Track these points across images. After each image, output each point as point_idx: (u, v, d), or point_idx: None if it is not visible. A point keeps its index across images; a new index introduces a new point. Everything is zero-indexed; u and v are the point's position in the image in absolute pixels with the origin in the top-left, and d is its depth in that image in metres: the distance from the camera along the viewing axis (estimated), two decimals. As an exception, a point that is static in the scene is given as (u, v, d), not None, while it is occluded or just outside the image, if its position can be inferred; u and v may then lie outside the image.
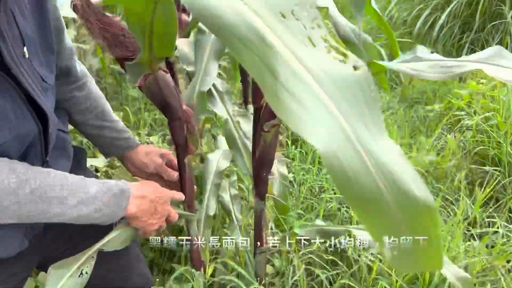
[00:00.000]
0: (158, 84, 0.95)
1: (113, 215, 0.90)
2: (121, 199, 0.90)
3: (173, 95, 0.99)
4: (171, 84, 0.98)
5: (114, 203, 0.88)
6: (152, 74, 0.93)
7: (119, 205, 0.89)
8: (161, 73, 0.95)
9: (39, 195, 0.78)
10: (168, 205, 1.01)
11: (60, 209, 0.81)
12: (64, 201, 0.81)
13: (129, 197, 0.91)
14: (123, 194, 0.90)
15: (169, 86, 0.97)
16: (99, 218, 0.87)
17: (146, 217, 0.95)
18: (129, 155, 1.17)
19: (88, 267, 0.87)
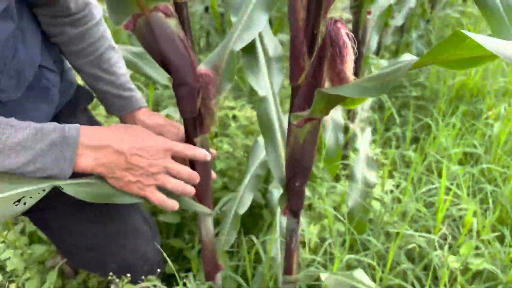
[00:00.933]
0: (152, 32, 0.68)
1: (59, 170, 0.70)
2: (63, 149, 0.69)
3: (175, 50, 0.70)
4: (173, 33, 0.69)
5: (53, 153, 0.68)
6: (142, 15, 0.66)
7: (63, 156, 0.69)
8: (157, 16, 0.67)
9: None
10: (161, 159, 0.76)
11: None
12: None
13: (75, 145, 0.70)
14: (66, 141, 0.69)
15: (168, 35, 0.69)
16: (37, 171, 0.69)
17: (121, 173, 0.74)
18: (126, 118, 0.96)
19: (31, 198, 0.66)
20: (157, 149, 0.75)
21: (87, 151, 0.72)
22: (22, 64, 0.77)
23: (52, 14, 0.83)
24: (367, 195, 1.22)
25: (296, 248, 0.87)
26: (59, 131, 0.69)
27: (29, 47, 0.80)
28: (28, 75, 0.79)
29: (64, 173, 0.72)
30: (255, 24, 0.79)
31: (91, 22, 0.88)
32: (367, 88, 0.51)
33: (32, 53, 0.81)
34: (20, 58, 0.77)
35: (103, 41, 0.91)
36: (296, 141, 0.68)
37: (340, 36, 0.53)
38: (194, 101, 0.78)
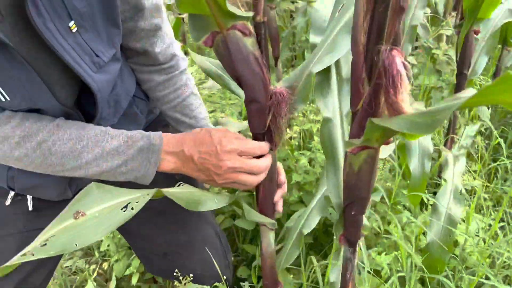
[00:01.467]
0: (227, 49, 0.71)
1: (145, 171, 0.80)
2: (149, 153, 0.79)
3: (249, 68, 0.72)
4: (248, 51, 0.71)
5: (141, 158, 0.79)
6: (220, 33, 0.69)
7: (148, 160, 0.79)
8: (234, 34, 0.69)
9: (48, 149, 0.76)
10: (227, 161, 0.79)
11: (75, 163, 0.77)
12: (78, 155, 0.77)
13: (159, 151, 0.79)
14: (151, 148, 0.79)
15: (243, 54, 0.71)
16: (127, 173, 0.80)
17: (196, 174, 0.82)
18: None
19: (137, 203, 0.69)
20: (221, 152, 0.78)
21: (168, 156, 0.81)
22: (119, 96, 0.91)
23: (143, 63, 0.96)
24: (450, 231, 1.11)
25: (351, 278, 0.83)
26: (146, 139, 0.80)
27: (124, 81, 0.93)
28: (124, 104, 0.92)
29: (149, 175, 0.81)
30: (338, 48, 0.78)
31: (176, 71, 0.99)
32: (417, 124, 0.47)
33: (127, 85, 0.95)
34: (118, 90, 0.90)
35: (186, 88, 1.00)
36: (351, 169, 0.65)
37: (394, 65, 0.49)
38: (264, 118, 0.80)
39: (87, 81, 0.75)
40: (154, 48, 0.93)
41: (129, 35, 0.89)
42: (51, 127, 0.76)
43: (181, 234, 1.07)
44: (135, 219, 1.04)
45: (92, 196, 0.66)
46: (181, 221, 1.07)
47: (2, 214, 0.95)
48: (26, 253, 0.55)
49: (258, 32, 0.73)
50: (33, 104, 0.74)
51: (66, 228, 0.61)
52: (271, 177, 0.89)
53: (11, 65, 0.68)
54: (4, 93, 0.70)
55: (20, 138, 0.74)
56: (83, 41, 0.74)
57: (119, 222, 0.64)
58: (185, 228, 1.08)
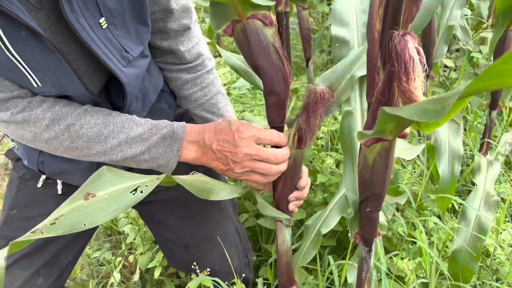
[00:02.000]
0: (247, 38, 0.70)
1: (167, 159, 0.82)
2: (172, 141, 0.82)
3: (268, 59, 0.72)
4: (268, 42, 0.71)
5: (164, 145, 0.82)
6: (240, 21, 0.69)
7: (171, 148, 0.82)
8: (254, 23, 0.69)
9: (75, 132, 0.79)
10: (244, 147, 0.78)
11: (100, 148, 0.80)
12: (104, 140, 0.80)
13: (181, 140, 0.82)
14: (174, 136, 0.82)
15: (263, 44, 0.70)
16: (150, 160, 0.82)
17: (215, 163, 0.83)
18: None
19: (147, 186, 0.69)
20: (238, 138, 0.78)
21: (189, 145, 0.83)
22: (146, 89, 0.94)
23: (170, 62, 0.98)
24: (479, 238, 1.05)
25: (368, 279, 0.80)
26: (169, 127, 0.82)
27: (152, 75, 0.96)
28: (152, 98, 0.95)
29: (171, 164, 0.83)
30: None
31: (203, 70, 1.00)
32: (428, 111, 0.45)
33: (155, 80, 0.98)
34: (146, 84, 0.93)
35: (213, 87, 1.01)
36: (366, 163, 0.63)
37: (407, 51, 0.47)
38: (282, 111, 0.79)
39: (117, 74, 0.78)
40: (180, 47, 0.95)
41: (158, 34, 0.92)
42: (79, 111, 0.79)
43: (202, 227, 1.08)
44: (160, 208, 1.08)
45: (104, 179, 0.67)
46: (203, 214, 1.08)
47: (34, 196, 1.00)
48: (36, 230, 0.56)
49: (279, 23, 0.72)
50: (63, 91, 0.78)
51: (75, 208, 0.62)
52: (294, 173, 0.87)
53: (43, 53, 0.71)
54: (36, 79, 0.73)
55: (50, 121, 0.78)
56: (113, 37, 0.77)
57: (128, 205, 0.64)
58: (207, 222, 1.09)
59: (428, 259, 1.02)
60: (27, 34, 0.67)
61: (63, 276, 1.07)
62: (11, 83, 0.74)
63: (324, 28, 2.32)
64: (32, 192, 0.99)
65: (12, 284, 0.97)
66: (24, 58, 0.70)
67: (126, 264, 1.70)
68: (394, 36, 0.48)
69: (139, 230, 1.58)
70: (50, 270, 1.02)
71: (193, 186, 0.77)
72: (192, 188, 0.76)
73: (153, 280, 1.57)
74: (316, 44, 2.13)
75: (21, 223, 0.99)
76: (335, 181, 1.37)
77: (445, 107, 0.42)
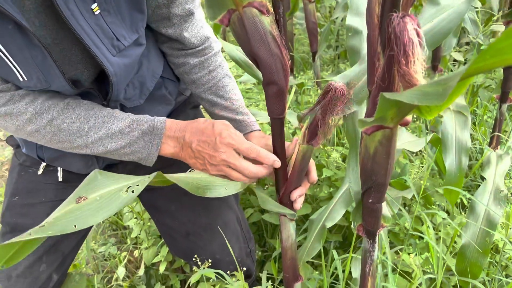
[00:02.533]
0: (244, 27, 0.69)
1: (147, 153, 0.84)
2: (152, 137, 0.83)
3: (266, 47, 0.70)
4: (266, 30, 0.69)
5: (144, 140, 0.83)
6: (236, 10, 0.68)
7: (151, 143, 0.83)
8: (250, 12, 0.68)
9: (57, 126, 0.80)
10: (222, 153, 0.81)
11: (82, 141, 0.81)
12: (85, 134, 0.81)
13: (161, 135, 0.83)
14: (154, 131, 0.83)
15: (260, 32, 0.69)
16: (131, 154, 0.84)
17: (192, 161, 0.85)
18: None
19: (138, 186, 0.69)
20: (219, 143, 0.80)
21: (169, 140, 0.83)
22: (144, 77, 0.93)
23: (176, 48, 0.96)
24: (488, 233, 1.02)
25: (371, 273, 0.78)
26: (150, 122, 0.83)
27: (151, 62, 0.95)
28: (150, 86, 0.94)
29: (151, 157, 0.84)
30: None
31: (210, 53, 0.99)
32: (429, 94, 0.43)
33: (154, 67, 0.96)
34: (144, 72, 0.92)
35: (220, 70, 1.00)
36: (367, 151, 0.61)
37: (406, 33, 0.45)
38: (282, 102, 0.77)
39: (103, 64, 0.77)
40: (186, 32, 0.93)
41: (162, 21, 0.90)
42: (61, 105, 0.79)
43: (203, 216, 1.08)
44: (162, 196, 1.07)
45: (96, 182, 0.68)
46: (203, 203, 1.08)
47: (35, 183, 1.01)
48: (25, 234, 0.56)
49: (276, 11, 0.70)
50: (48, 86, 0.77)
51: (67, 211, 0.62)
52: (301, 169, 0.85)
53: (29, 48, 0.70)
54: (22, 73, 0.73)
55: (32, 115, 0.78)
56: (105, 24, 0.75)
57: (120, 205, 0.64)
58: (207, 211, 1.09)
59: (435, 255, 0.99)
60: (13, 28, 0.67)
61: (65, 263, 1.08)
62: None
63: (331, 21, 2.29)
64: (32, 179, 1.00)
65: (15, 270, 0.98)
66: (10, 51, 0.69)
67: (131, 259, 1.71)
68: (393, 18, 0.46)
69: (144, 225, 1.58)
70: (52, 256, 1.03)
71: (189, 184, 0.77)
72: (187, 186, 0.76)
73: (158, 275, 1.56)
74: (323, 38, 2.10)
75: (22, 209, 1.00)
76: (341, 175, 1.35)
77: (446, 89, 0.40)
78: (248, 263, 1.16)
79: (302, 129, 0.81)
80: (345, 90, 0.72)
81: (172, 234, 1.14)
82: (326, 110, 0.74)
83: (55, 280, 1.06)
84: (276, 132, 0.81)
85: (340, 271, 0.96)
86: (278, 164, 0.80)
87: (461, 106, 1.24)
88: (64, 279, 1.15)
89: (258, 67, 0.74)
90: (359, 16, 0.92)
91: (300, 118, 0.82)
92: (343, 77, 0.81)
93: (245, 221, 1.21)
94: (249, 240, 1.18)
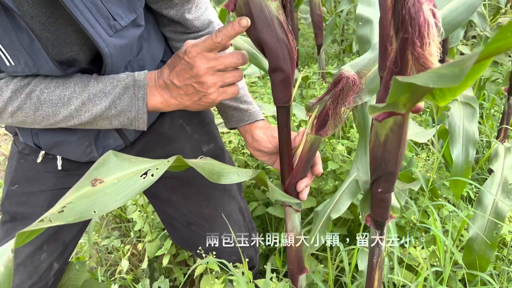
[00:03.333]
0: (250, 12, 0.68)
1: (136, 109, 0.79)
2: (135, 89, 0.78)
3: (272, 33, 0.69)
4: (272, 15, 0.68)
5: (128, 96, 0.78)
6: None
7: (136, 97, 0.78)
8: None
9: (37, 98, 0.77)
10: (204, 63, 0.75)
11: (66, 111, 0.78)
12: (68, 102, 0.77)
13: (144, 87, 0.78)
14: (137, 84, 0.79)
15: (266, 17, 0.68)
16: (120, 115, 0.79)
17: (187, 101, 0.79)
18: (244, 129, 0.98)
19: (157, 169, 0.65)
20: (190, 59, 0.74)
21: (153, 90, 0.79)
22: (144, 61, 0.90)
23: (179, 31, 0.93)
24: (496, 226, 1.01)
25: (378, 265, 0.77)
26: (130, 77, 0.79)
27: (151, 45, 0.92)
28: (149, 69, 0.89)
29: (141, 114, 0.80)
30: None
31: None
32: (444, 76, 0.41)
33: (154, 51, 0.93)
34: (144, 54, 0.89)
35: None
36: (377, 139, 0.60)
37: (421, 14, 0.44)
38: (289, 89, 0.76)
39: (98, 44, 0.73)
40: (188, 14, 0.90)
41: (163, 1, 0.87)
42: (39, 78, 0.77)
43: (204, 206, 1.07)
44: (164, 186, 1.06)
45: (110, 164, 0.64)
46: (206, 193, 1.06)
47: (35, 171, 0.99)
48: (44, 219, 0.53)
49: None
50: (36, 71, 0.75)
51: (83, 195, 0.59)
52: (308, 159, 0.84)
53: (15, 31, 0.68)
54: (9, 57, 0.71)
55: (12, 92, 0.76)
56: (100, 2, 0.72)
57: (139, 189, 0.61)
58: (209, 201, 1.07)
59: (442, 247, 0.98)
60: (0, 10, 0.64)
61: (66, 252, 1.08)
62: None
63: (336, 14, 2.27)
64: (32, 167, 0.98)
65: (16, 258, 0.97)
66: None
67: (134, 252, 1.70)
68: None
69: (147, 218, 1.58)
70: (53, 245, 1.02)
71: (205, 169, 0.75)
72: (204, 171, 0.74)
73: (161, 268, 1.56)
74: (328, 31, 2.08)
75: (22, 198, 0.98)
76: (346, 168, 1.34)
77: (463, 69, 0.39)
78: (251, 254, 1.15)
79: (310, 119, 0.80)
80: (357, 79, 0.70)
81: (174, 224, 1.13)
82: (337, 100, 0.73)
83: (55, 269, 1.05)
84: (282, 121, 0.80)
85: (346, 263, 0.94)
86: (245, 23, 0.71)
87: (469, 98, 1.23)
88: (65, 267, 1.15)
89: (264, 53, 0.73)
90: (369, 5, 0.90)
91: (309, 108, 0.81)
92: (353, 66, 0.79)
93: (248, 211, 1.20)
94: (251, 230, 1.17)
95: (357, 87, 0.70)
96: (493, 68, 1.94)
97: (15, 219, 0.99)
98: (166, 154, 0.85)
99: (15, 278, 0.98)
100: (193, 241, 1.08)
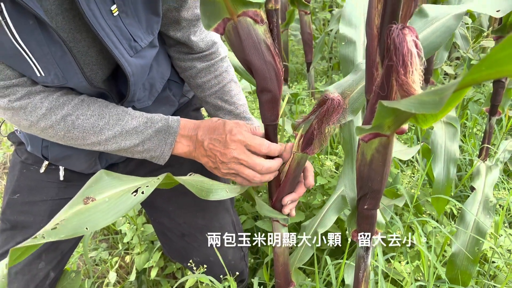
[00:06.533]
0: (238, 36, 0.71)
1: (161, 151, 0.85)
2: (166, 135, 0.84)
3: (260, 56, 0.72)
4: (260, 39, 0.71)
5: (158, 139, 0.84)
6: (231, 19, 0.69)
7: (165, 141, 0.84)
8: (245, 21, 0.69)
9: (71, 122, 0.80)
10: (234, 150, 0.81)
11: (96, 139, 0.82)
12: (99, 131, 0.81)
13: (175, 134, 0.84)
14: (169, 130, 0.84)
15: (254, 41, 0.71)
16: (144, 152, 0.84)
17: (205, 160, 0.85)
18: None
19: (148, 187, 0.68)
20: (229, 140, 0.80)
21: (182, 139, 0.85)
22: (154, 79, 0.95)
23: (184, 51, 0.98)
24: (477, 242, 1.04)
25: (364, 279, 0.80)
26: (164, 121, 0.84)
27: (160, 65, 0.97)
28: (158, 88, 0.96)
29: (164, 156, 0.85)
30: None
31: (217, 57, 1.00)
32: (426, 103, 0.45)
33: (163, 70, 0.98)
34: (154, 73, 0.94)
35: (226, 75, 1.01)
36: (364, 158, 0.63)
37: (405, 44, 0.47)
38: (276, 109, 0.79)
39: (122, 64, 0.78)
40: (194, 36, 0.95)
41: (171, 24, 0.91)
42: (76, 101, 0.80)
43: (199, 217, 1.09)
44: (160, 196, 1.08)
45: (102, 182, 0.67)
46: (201, 205, 1.09)
47: (37, 181, 1.01)
48: (38, 236, 0.55)
49: (270, 21, 0.72)
50: (65, 83, 0.78)
51: (76, 212, 0.61)
52: (295, 175, 0.87)
53: (48, 44, 0.71)
54: (40, 69, 0.74)
55: (47, 110, 0.78)
56: (123, 25, 0.77)
57: (130, 207, 0.64)
58: (204, 213, 1.10)
59: (426, 262, 1.01)
60: (34, 23, 0.68)
61: (63, 261, 1.09)
62: (12, 72, 0.75)
63: (326, 33, 2.33)
64: (34, 177, 1.00)
65: (14, 267, 0.98)
66: (30, 47, 0.70)
67: (122, 264, 1.70)
68: (393, 29, 0.49)
69: (137, 230, 1.58)
70: (51, 254, 1.03)
71: (194, 186, 0.78)
72: (193, 188, 0.76)
73: (149, 281, 1.56)
74: (318, 49, 2.14)
75: (23, 207, 1.00)
76: (334, 183, 1.37)
77: (443, 98, 0.42)
78: (242, 267, 1.16)
79: (296, 138, 0.83)
80: (341, 100, 0.74)
81: (168, 234, 1.15)
82: (322, 120, 0.76)
83: (52, 278, 1.06)
84: (270, 138, 0.83)
85: (333, 276, 0.97)
86: (287, 156, 0.81)
87: (451, 118, 1.27)
88: (60, 276, 1.15)
89: (252, 74, 0.76)
90: (351, 26, 0.94)
91: (295, 127, 0.84)
92: (337, 87, 0.82)
93: (240, 224, 1.22)
94: (242, 243, 1.19)
95: (341, 108, 0.74)
96: (476, 89, 2.01)
97: (15, 228, 1.00)
98: (166, 163, 0.88)
99: (13, 285, 0.99)
100: (186, 252, 1.10)
